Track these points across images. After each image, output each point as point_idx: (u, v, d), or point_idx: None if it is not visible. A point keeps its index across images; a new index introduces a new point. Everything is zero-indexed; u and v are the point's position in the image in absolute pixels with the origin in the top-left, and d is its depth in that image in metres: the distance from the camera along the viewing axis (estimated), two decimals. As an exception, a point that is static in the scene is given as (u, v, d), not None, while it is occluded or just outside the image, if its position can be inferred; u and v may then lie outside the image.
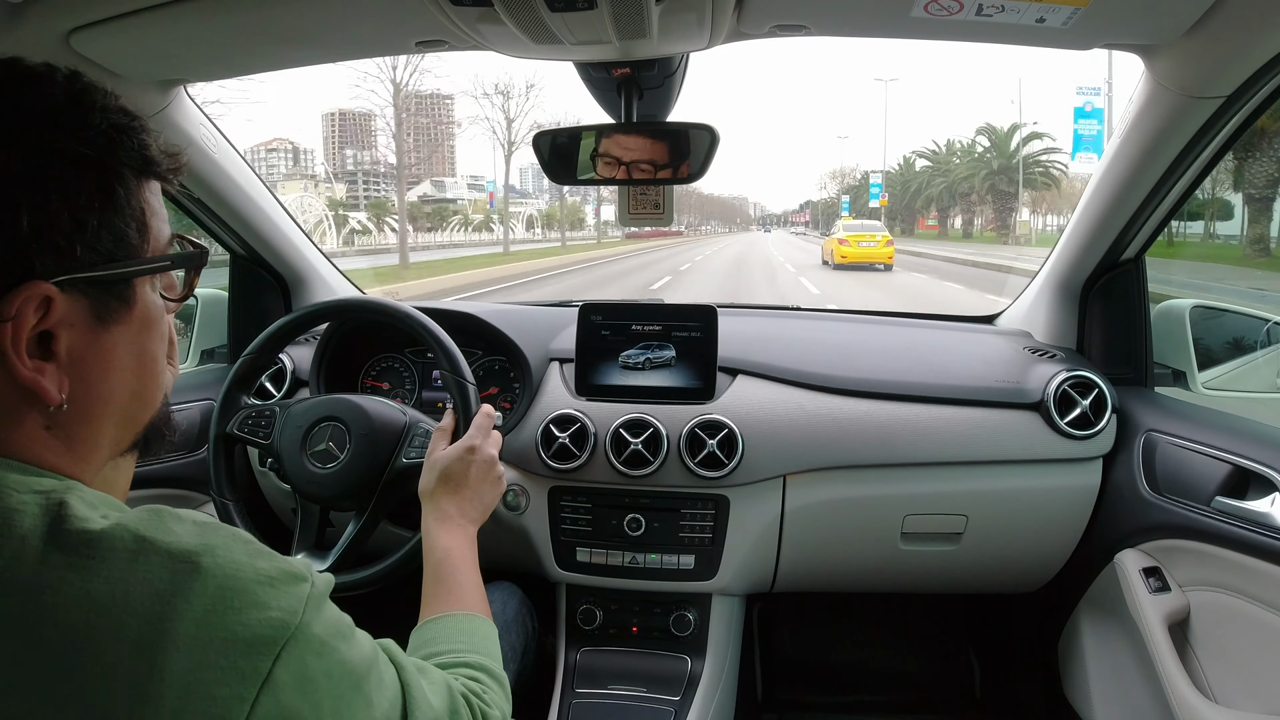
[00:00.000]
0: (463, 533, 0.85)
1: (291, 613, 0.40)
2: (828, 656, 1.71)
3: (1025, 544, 1.26)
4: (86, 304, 0.43)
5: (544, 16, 0.76)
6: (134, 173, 0.44)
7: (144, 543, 0.38)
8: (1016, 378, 1.23)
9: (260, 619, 0.38)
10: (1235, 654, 1.00)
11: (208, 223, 1.37)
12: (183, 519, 0.41)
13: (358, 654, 0.45)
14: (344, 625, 0.45)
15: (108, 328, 0.44)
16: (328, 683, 0.40)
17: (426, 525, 0.85)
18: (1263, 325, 1.34)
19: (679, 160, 0.96)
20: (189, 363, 1.54)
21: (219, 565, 0.39)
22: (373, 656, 0.48)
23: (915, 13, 0.80)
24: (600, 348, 1.22)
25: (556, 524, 1.23)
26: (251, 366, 1.07)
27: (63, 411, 0.43)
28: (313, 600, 0.41)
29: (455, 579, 0.79)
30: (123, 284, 0.44)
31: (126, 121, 0.44)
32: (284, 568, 0.42)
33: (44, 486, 0.40)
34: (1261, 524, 0.94)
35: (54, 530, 0.38)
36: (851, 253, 17.45)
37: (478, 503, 0.88)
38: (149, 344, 0.48)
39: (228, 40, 0.93)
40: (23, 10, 0.80)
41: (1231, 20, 0.78)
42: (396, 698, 0.49)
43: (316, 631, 0.41)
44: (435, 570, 0.80)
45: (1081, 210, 1.22)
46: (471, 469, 0.88)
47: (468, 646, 0.71)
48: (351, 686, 0.43)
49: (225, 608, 0.38)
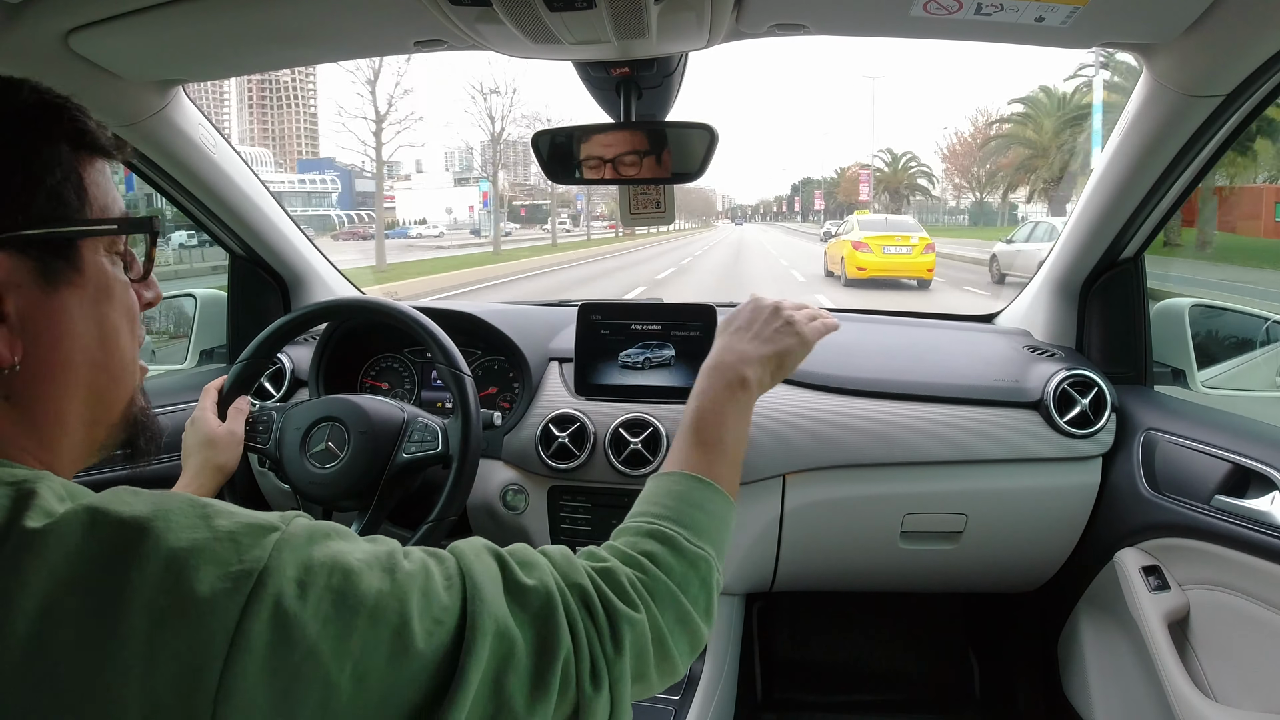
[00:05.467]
0: (744, 389, 0.71)
1: (255, 561, 0.38)
2: (827, 656, 1.71)
3: (1025, 543, 1.26)
4: (31, 265, 0.43)
5: (543, 16, 0.76)
6: (69, 144, 0.45)
7: (96, 514, 0.38)
8: (1016, 376, 1.23)
9: (218, 574, 0.37)
10: (1235, 652, 1.00)
11: (207, 223, 1.37)
12: (140, 494, 0.40)
13: (372, 583, 0.41)
14: (345, 559, 0.41)
15: (57, 289, 0.44)
16: (320, 625, 0.38)
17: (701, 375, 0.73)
18: (1262, 323, 1.34)
19: (678, 159, 0.96)
20: (189, 363, 1.54)
21: (170, 527, 0.38)
22: (408, 577, 0.42)
23: (914, 12, 0.80)
24: (599, 347, 1.22)
25: (556, 524, 1.23)
26: (248, 371, 1.07)
27: (16, 374, 0.43)
28: (283, 544, 0.39)
29: (717, 435, 0.67)
30: (66, 245, 0.44)
31: (60, 100, 0.45)
32: (247, 521, 0.40)
33: (15, 477, 0.40)
34: (1261, 522, 0.94)
35: (18, 517, 0.38)
36: (874, 263, 11.85)
37: (771, 356, 0.75)
38: (108, 312, 0.47)
39: (226, 40, 0.93)
40: (21, 11, 0.80)
41: (1230, 19, 0.78)
42: (453, 618, 0.43)
43: (291, 574, 0.38)
44: (692, 422, 0.68)
45: (1080, 209, 1.22)
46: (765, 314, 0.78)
47: (670, 513, 0.59)
48: (365, 619, 0.39)
49: (180, 567, 0.37)
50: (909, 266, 11.93)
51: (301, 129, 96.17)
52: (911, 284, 12.06)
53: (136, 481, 0.46)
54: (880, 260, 11.86)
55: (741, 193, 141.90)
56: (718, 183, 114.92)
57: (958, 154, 39.57)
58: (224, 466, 0.98)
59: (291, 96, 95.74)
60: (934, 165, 47.66)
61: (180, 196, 1.28)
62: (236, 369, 1.06)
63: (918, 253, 11.90)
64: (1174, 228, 9.14)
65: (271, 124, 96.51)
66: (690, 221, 67.51)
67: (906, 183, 49.35)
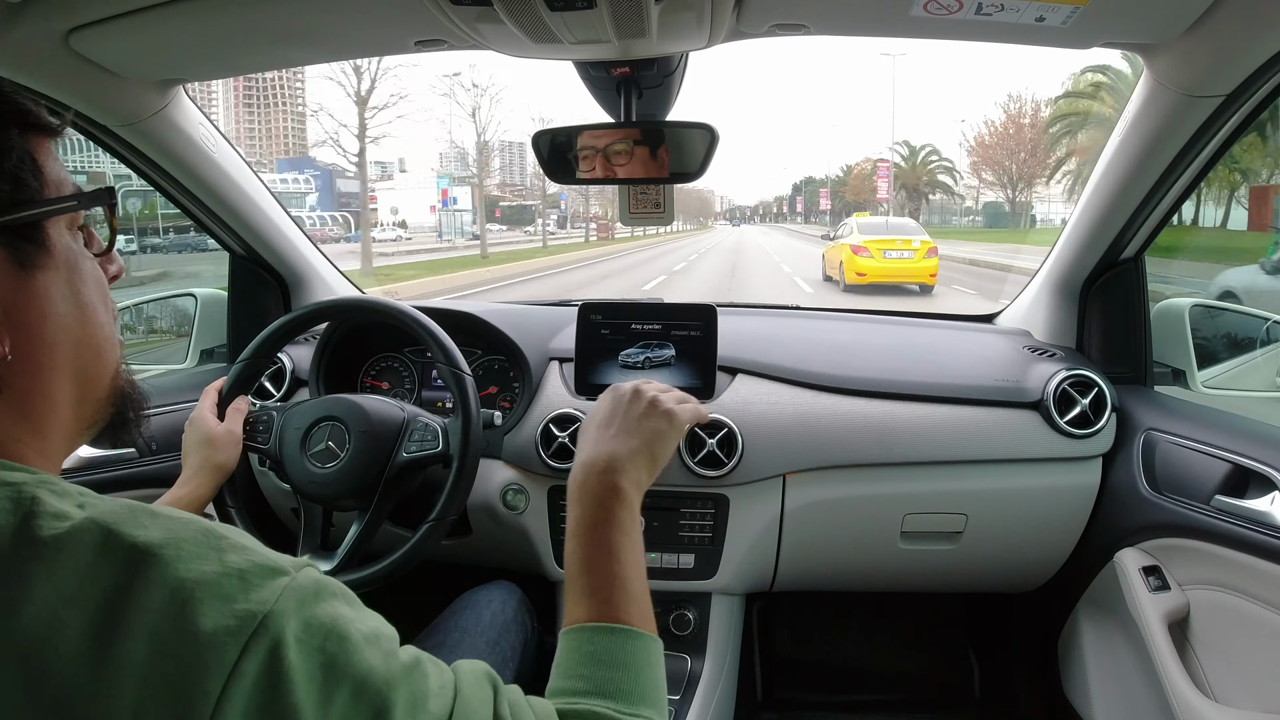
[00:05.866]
0: (620, 501, 0.65)
1: (261, 603, 0.38)
2: (827, 656, 1.71)
3: (1025, 543, 1.26)
4: (2, 252, 0.43)
5: (543, 16, 0.76)
6: (16, 125, 0.45)
7: (110, 536, 0.38)
8: (1016, 376, 1.23)
9: (223, 611, 0.37)
10: (1235, 652, 1.00)
11: (207, 222, 1.37)
12: (158, 515, 0.40)
13: (365, 659, 0.40)
14: (344, 626, 0.41)
15: (32, 274, 0.44)
16: (307, 684, 0.38)
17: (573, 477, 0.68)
18: (1262, 324, 1.34)
19: (678, 159, 0.96)
20: (189, 362, 1.54)
21: (181, 558, 0.38)
22: (402, 669, 0.42)
23: (915, 12, 0.80)
24: (600, 347, 1.22)
25: (556, 523, 1.23)
26: (247, 371, 1.07)
27: (8, 365, 0.43)
28: (291, 593, 0.39)
29: (608, 568, 0.61)
30: (33, 228, 0.45)
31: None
32: (258, 561, 0.40)
33: (15, 480, 0.40)
34: (1261, 522, 0.94)
35: (25, 525, 0.38)
36: (874, 268, 11.29)
37: (641, 448, 0.70)
38: (81, 289, 0.47)
39: (226, 40, 0.93)
40: (21, 10, 0.80)
41: (1230, 19, 0.78)
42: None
43: (293, 625, 0.38)
44: (579, 563, 0.62)
45: (1081, 209, 1.22)
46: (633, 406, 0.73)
47: (592, 686, 0.54)
48: (349, 691, 0.39)
49: (186, 599, 0.37)
50: (911, 272, 11.36)
51: (290, 128, 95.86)
52: (914, 288, 11.53)
53: (137, 481, 0.46)
54: (881, 265, 11.32)
55: (740, 193, 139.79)
56: (716, 183, 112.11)
57: (987, 145, 34.04)
58: (223, 466, 0.98)
59: (278, 96, 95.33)
60: (956, 159, 42.39)
61: (180, 196, 1.28)
62: (236, 369, 1.06)
63: (920, 257, 11.35)
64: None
65: (258, 123, 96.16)
66: (688, 223, 64.54)
67: (926, 179, 43.25)
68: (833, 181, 63.62)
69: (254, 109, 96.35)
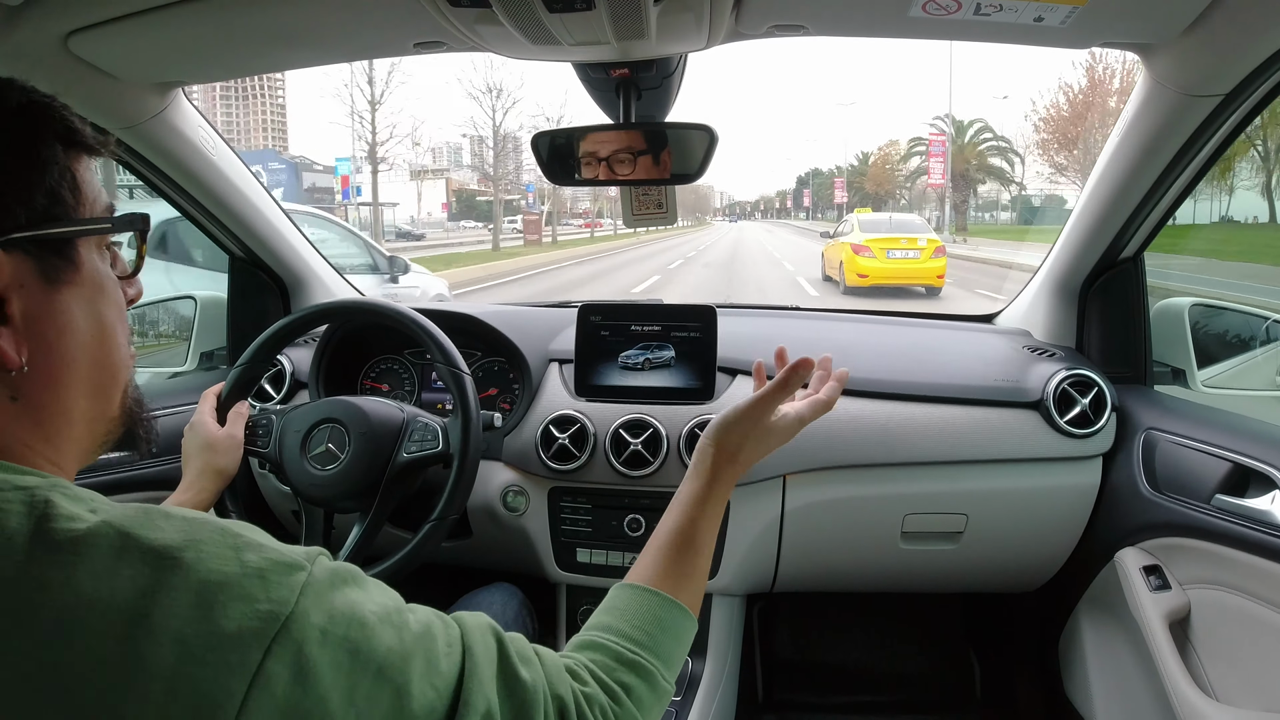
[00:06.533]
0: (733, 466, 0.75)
1: (282, 603, 0.39)
2: (828, 656, 1.71)
3: (1025, 543, 1.26)
4: (32, 265, 0.43)
5: (542, 17, 0.76)
6: (61, 141, 0.45)
7: (128, 539, 0.38)
8: (1016, 376, 1.23)
9: (246, 612, 0.38)
10: (1236, 652, 1.00)
11: (206, 225, 1.37)
12: (172, 516, 0.41)
13: (384, 640, 0.42)
14: (361, 612, 0.42)
15: (58, 289, 0.44)
16: (334, 674, 0.39)
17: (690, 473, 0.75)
18: (1262, 323, 1.34)
19: (678, 160, 0.96)
20: (189, 365, 1.54)
21: (202, 560, 0.38)
22: (415, 639, 0.44)
23: (913, 12, 0.80)
24: (600, 348, 1.22)
25: (556, 525, 1.23)
26: (247, 375, 1.07)
27: (25, 375, 0.43)
28: (310, 588, 0.40)
29: (700, 541, 0.69)
30: (66, 244, 0.45)
31: (45, 100, 0.46)
32: (275, 559, 0.41)
33: (27, 484, 0.40)
34: (1262, 522, 0.94)
35: (40, 528, 0.38)
36: (876, 269, 10.45)
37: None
38: (104, 309, 0.48)
39: (225, 42, 0.93)
40: (20, 13, 0.80)
41: (1229, 19, 0.78)
42: (448, 687, 0.45)
43: (315, 620, 0.39)
44: (679, 525, 0.68)
45: (1080, 209, 1.22)
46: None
47: (651, 642, 0.59)
48: (372, 675, 0.41)
49: (210, 601, 0.37)
50: (917, 273, 10.52)
51: (269, 122, 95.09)
52: (920, 290, 10.69)
53: (137, 484, 0.46)
54: (884, 266, 10.46)
55: (740, 188, 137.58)
56: (715, 179, 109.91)
57: (1064, 119, 25.29)
58: (224, 470, 0.98)
59: (257, 89, 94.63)
60: (1014, 139, 33.10)
61: (180, 198, 1.29)
62: (235, 373, 1.06)
63: (926, 257, 10.47)
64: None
65: (235, 117, 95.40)
66: (685, 220, 57.64)
67: (977, 162, 34.48)
68: (849, 171, 56.56)
69: (231, 102, 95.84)
